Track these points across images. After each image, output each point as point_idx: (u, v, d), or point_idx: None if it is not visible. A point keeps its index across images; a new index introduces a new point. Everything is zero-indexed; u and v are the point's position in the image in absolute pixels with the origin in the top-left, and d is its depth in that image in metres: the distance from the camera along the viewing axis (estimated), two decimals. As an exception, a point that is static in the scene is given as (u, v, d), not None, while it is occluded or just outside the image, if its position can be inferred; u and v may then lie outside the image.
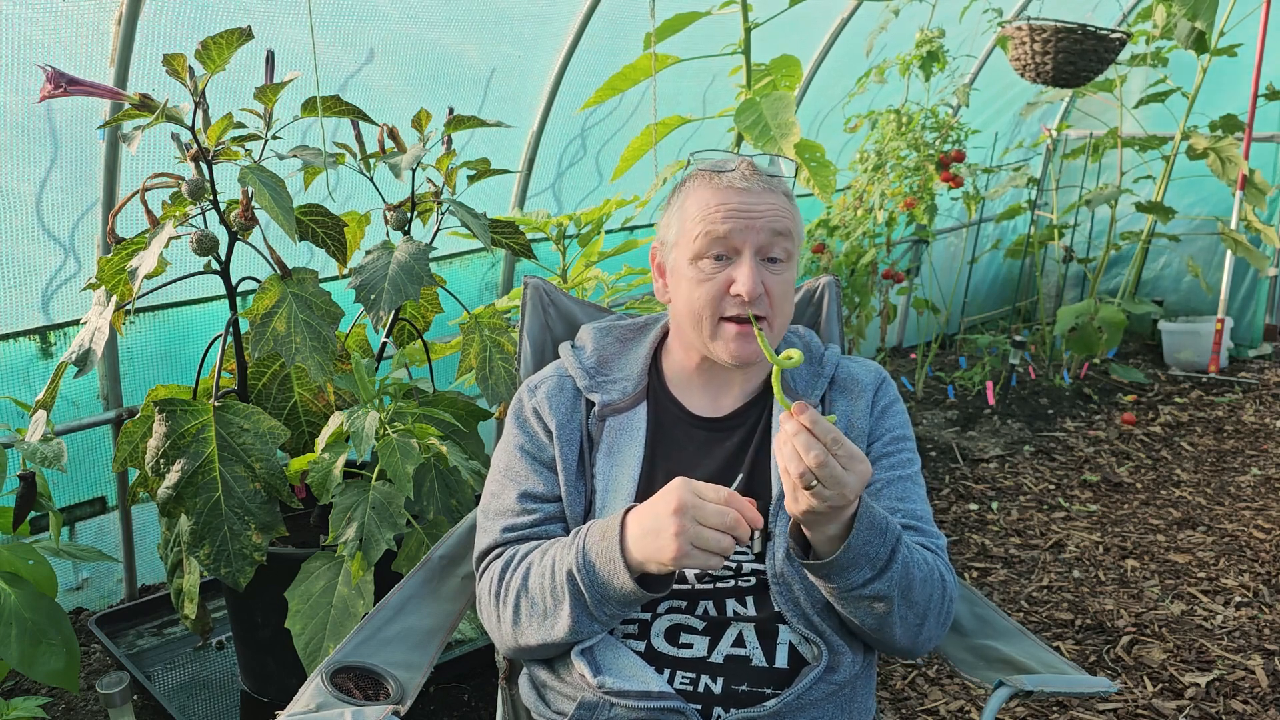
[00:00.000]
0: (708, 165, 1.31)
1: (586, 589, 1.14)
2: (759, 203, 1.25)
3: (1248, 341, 5.21)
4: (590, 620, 1.16)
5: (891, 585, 1.15)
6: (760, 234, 1.24)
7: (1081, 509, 3.40)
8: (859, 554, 1.12)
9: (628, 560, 1.11)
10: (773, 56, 2.68)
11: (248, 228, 1.88)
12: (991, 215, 5.35)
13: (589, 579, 1.14)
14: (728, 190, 1.26)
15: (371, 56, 2.70)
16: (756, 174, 1.27)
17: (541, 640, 1.20)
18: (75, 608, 2.67)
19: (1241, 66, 4.48)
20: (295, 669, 1.78)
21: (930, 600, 1.21)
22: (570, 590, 1.15)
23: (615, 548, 1.11)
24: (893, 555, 1.15)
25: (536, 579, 1.19)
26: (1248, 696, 2.32)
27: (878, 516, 1.14)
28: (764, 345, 1.17)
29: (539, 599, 1.19)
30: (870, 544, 1.13)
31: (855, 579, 1.14)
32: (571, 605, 1.15)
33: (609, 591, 1.13)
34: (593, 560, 1.14)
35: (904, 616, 1.19)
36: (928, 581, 1.20)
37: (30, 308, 2.39)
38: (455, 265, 3.24)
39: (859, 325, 4.09)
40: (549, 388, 1.36)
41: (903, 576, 1.16)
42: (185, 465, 1.77)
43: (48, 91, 1.65)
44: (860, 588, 1.15)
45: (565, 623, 1.17)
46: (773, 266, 1.26)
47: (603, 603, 1.14)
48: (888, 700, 2.34)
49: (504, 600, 1.23)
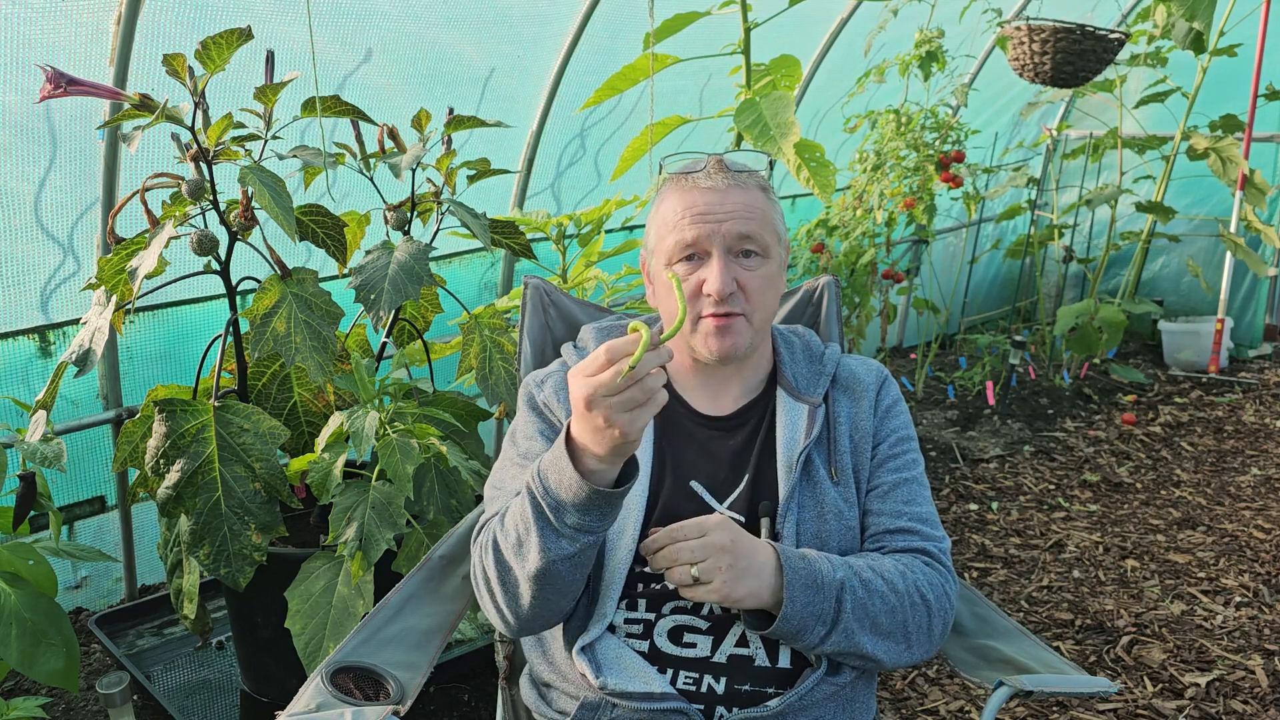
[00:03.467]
0: (677, 169, 1.31)
1: (543, 499, 1.08)
2: (725, 200, 1.25)
3: (1248, 341, 5.21)
4: (556, 535, 1.09)
5: (851, 634, 1.17)
6: (727, 232, 1.24)
7: (1081, 509, 3.40)
8: (802, 617, 1.15)
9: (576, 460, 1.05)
10: (772, 56, 2.68)
11: (248, 228, 1.88)
12: (991, 215, 5.35)
13: (543, 487, 1.08)
14: (694, 192, 1.26)
15: (370, 56, 2.70)
16: (724, 171, 1.27)
17: (524, 577, 1.13)
18: (75, 608, 2.67)
19: (1241, 66, 4.47)
20: (295, 669, 1.78)
21: (907, 625, 1.21)
22: (533, 508, 1.10)
23: (561, 449, 1.06)
24: (839, 605, 1.16)
25: (511, 514, 1.15)
26: (1248, 696, 2.32)
27: (806, 575, 1.16)
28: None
29: (512, 529, 1.14)
30: (810, 604, 1.15)
31: (811, 639, 1.16)
32: (536, 523, 1.10)
33: (562, 495, 1.07)
34: (545, 470, 1.09)
35: (883, 648, 1.20)
36: (898, 610, 1.20)
37: (29, 307, 2.39)
38: (454, 265, 3.24)
39: (859, 325, 4.09)
40: (555, 382, 1.36)
41: (861, 619, 1.17)
42: (185, 465, 1.77)
43: (47, 91, 1.65)
44: (819, 644, 1.17)
45: (535, 545, 1.10)
46: (746, 262, 1.25)
47: (560, 510, 1.07)
48: (888, 700, 2.34)
49: (486, 547, 1.18)
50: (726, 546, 1.13)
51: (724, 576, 1.12)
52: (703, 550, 1.12)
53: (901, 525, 1.28)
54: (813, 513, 1.27)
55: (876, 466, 1.32)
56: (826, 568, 1.18)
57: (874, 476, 1.32)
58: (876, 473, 1.32)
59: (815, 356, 1.40)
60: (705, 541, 1.12)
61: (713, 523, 1.14)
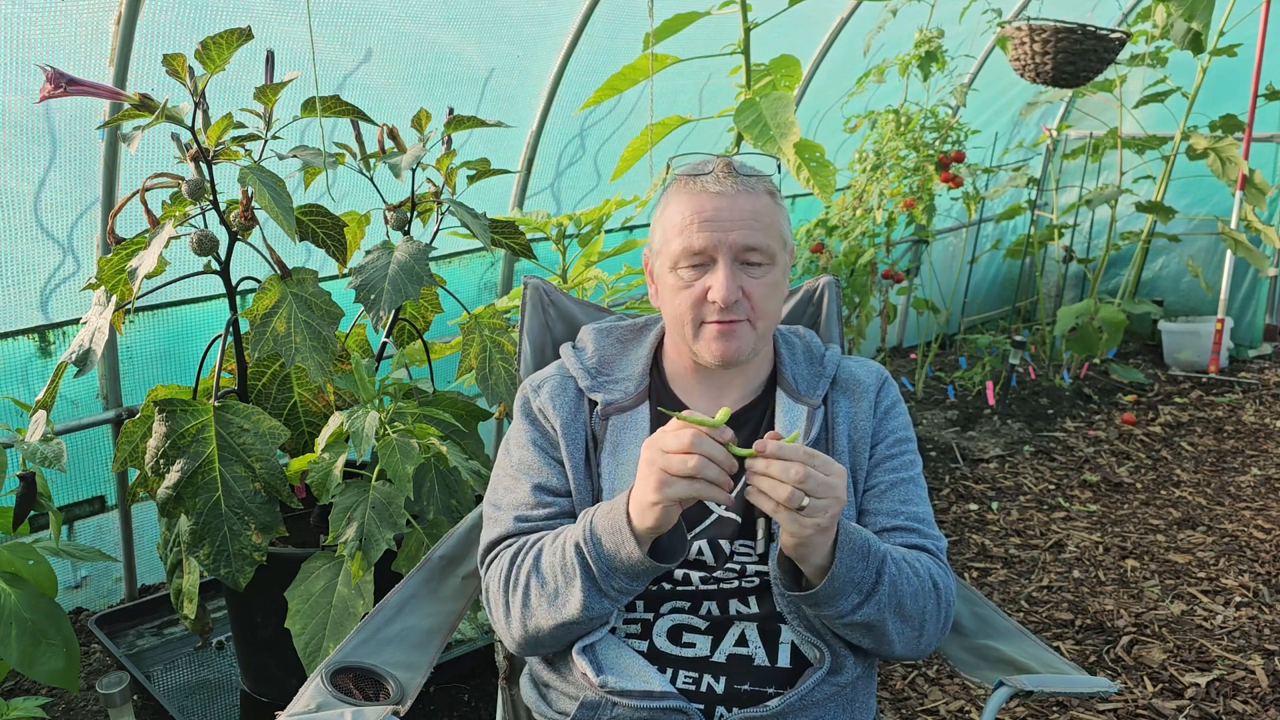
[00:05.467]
0: (685, 170, 1.30)
1: (594, 561, 1.13)
2: (733, 206, 1.24)
3: (1248, 341, 5.21)
4: (600, 595, 1.15)
5: (881, 608, 1.16)
6: (734, 242, 1.23)
7: (1081, 509, 3.40)
8: (844, 581, 1.13)
9: (633, 529, 1.10)
10: (772, 56, 2.68)
11: (248, 228, 1.88)
12: (991, 215, 5.35)
13: (596, 551, 1.13)
14: (702, 196, 1.25)
15: (370, 56, 2.70)
16: (733, 175, 1.26)
17: (552, 622, 1.18)
18: (75, 608, 2.67)
19: (1241, 66, 4.47)
20: (295, 669, 1.78)
21: (924, 611, 1.21)
22: (579, 564, 1.14)
23: (621, 516, 1.11)
24: (879, 578, 1.15)
25: (548, 559, 1.18)
26: (1248, 696, 2.32)
27: (859, 541, 1.14)
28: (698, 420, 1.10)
29: (550, 578, 1.17)
30: (854, 570, 1.13)
31: (844, 606, 1.15)
32: (582, 580, 1.14)
33: (616, 563, 1.12)
34: (599, 533, 1.13)
35: (900, 632, 1.20)
36: (920, 594, 1.20)
37: (29, 307, 2.39)
38: (454, 265, 3.24)
39: (859, 325, 4.09)
40: (552, 387, 1.36)
41: (891, 596, 1.16)
42: (185, 465, 1.77)
43: (47, 92, 1.65)
44: (851, 613, 1.16)
45: (576, 599, 1.15)
46: (753, 270, 1.25)
47: (610, 575, 1.13)
48: (888, 700, 2.34)
49: (514, 584, 1.21)
50: (841, 497, 1.09)
51: (824, 520, 1.07)
52: (825, 489, 1.06)
53: (899, 524, 1.28)
54: (811, 513, 1.27)
55: (874, 466, 1.32)
56: (874, 540, 1.17)
57: (871, 476, 1.32)
58: (874, 472, 1.32)
59: (816, 358, 1.40)
60: (829, 482, 1.07)
61: (838, 469, 1.10)
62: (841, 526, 1.13)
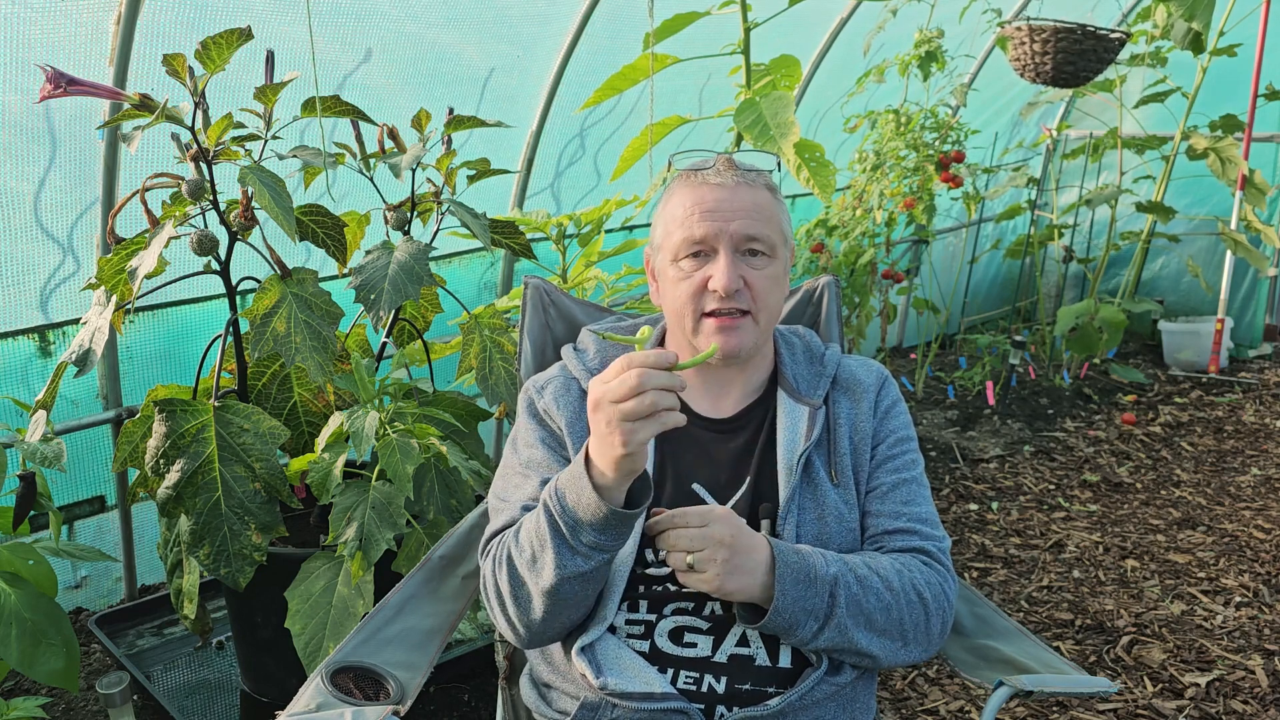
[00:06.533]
0: (686, 165, 1.31)
1: (560, 517, 1.10)
2: (734, 197, 1.25)
3: (1248, 341, 5.21)
4: (571, 553, 1.11)
5: (844, 629, 1.17)
6: (735, 231, 1.24)
7: (1081, 509, 3.40)
8: (795, 611, 1.14)
9: (593, 478, 1.07)
10: (772, 56, 2.68)
11: (248, 228, 1.88)
12: (991, 215, 5.35)
13: (560, 506, 1.10)
14: (703, 188, 1.26)
15: (369, 56, 2.70)
16: (733, 169, 1.28)
17: (537, 592, 1.15)
18: (75, 608, 2.67)
19: (1241, 66, 4.47)
20: (295, 669, 1.78)
21: (903, 622, 1.21)
22: (549, 524, 1.11)
23: (580, 467, 1.08)
24: (832, 603, 1.16)
25: (525, 529, 1.17)
26: (1248, 696, 2.32)
27: (801, 569, 1.15)
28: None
29: (527, 545, 1.15)
30: (801, 599, 1.15)
31: (803, 634, 1.16)
32: (552, 539, 1.11)
33: (580, 513, 1.09)
34: (562, 489, 1.11)
35: (879, 645, 1.20)
36: (893, 607, 1.20)
37: (28, 307, 2.39)
38: (454, 265, 3.24)
39: (859, 325, 4.09)
40: (555, 388, 1.36)
41: (855, 615, 1.17)
42: (185, 465, 1.77)
43: (47, 92, 1.65)
44: (813, 640, 1.17)
45: (550, 561, 1.12)
46: (753, 260, 1.26)
47: (576, 528, 1.09)
48: (888, 700, 2.34)
49: (500, 562, 1.20)
50: (726, 541, 1.13)
51: (718, 569, 1.12)
52: (702, 540, 1.13)
53: (900, 525, 1.28)
54: (813, 515, 1.27)
55: (876, 467, 1.32)
56: (820, 563, 1.18)
57: (873, 477, 1.32)
58: (876, 473, 1.32)
59: (816, 358, 1.40)
60: (705, 532, 1.13)
61: (717, 515, 1.15)
62: (780, 558, 1.15)
